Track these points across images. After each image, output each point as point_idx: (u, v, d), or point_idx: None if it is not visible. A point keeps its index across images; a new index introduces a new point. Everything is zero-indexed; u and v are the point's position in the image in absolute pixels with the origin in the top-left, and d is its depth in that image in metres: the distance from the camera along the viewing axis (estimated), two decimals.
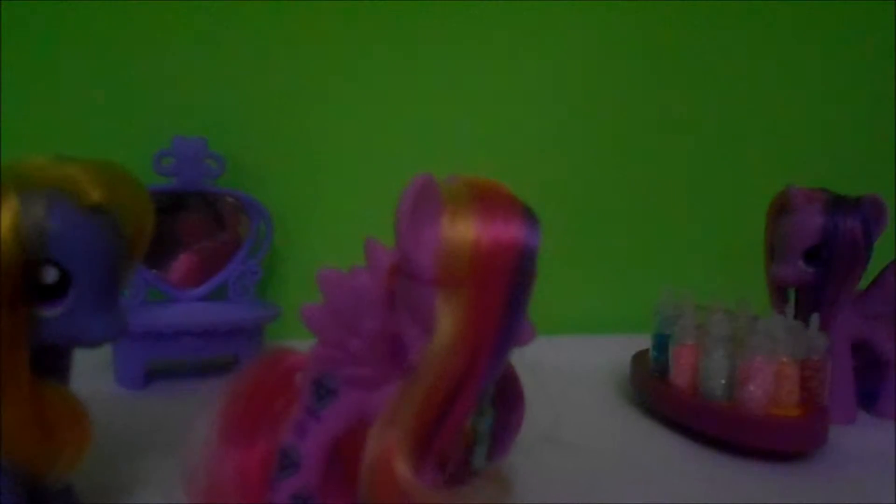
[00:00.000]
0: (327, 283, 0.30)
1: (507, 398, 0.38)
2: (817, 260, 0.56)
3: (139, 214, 0.31)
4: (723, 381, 0.50)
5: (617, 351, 0.67)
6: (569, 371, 0.68)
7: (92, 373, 0.60)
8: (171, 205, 0.67)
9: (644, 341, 0.61)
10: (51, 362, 0.30)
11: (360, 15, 0.74)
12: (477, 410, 0.34)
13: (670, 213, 0.87)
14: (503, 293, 0.30)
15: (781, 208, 0.59)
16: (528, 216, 0.32)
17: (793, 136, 0.89)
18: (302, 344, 0.34)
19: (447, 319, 0.30)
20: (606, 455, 0.49)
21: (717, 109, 0.87)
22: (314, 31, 0.74)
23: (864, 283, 0.58)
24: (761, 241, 0.62)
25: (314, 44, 0.74)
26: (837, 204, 0.55)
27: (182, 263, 0.68)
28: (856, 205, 0.55)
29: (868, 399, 0.60)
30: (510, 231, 0.31)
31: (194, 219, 0.70)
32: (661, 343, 0.56)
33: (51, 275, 0.28)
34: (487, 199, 0.31)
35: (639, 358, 0.61)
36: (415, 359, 0.31)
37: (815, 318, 0.51)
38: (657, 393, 0.55)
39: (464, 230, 0.30)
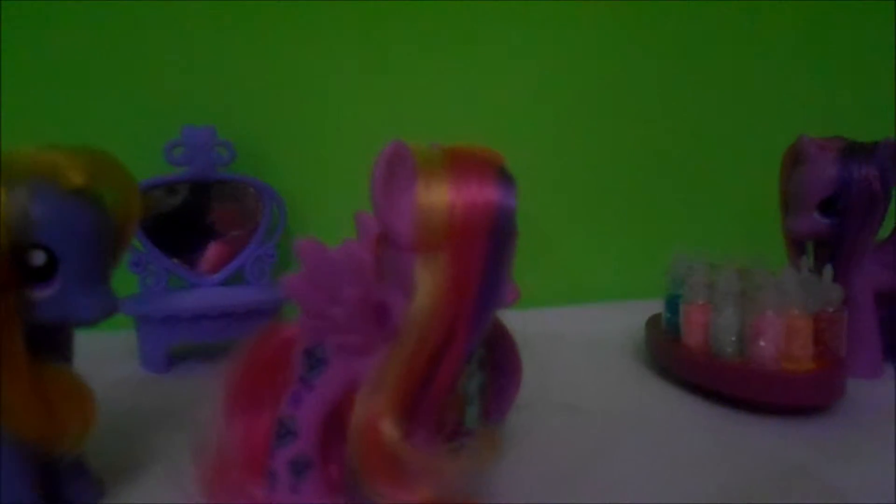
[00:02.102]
0: (305, 252, 0.31)
1: (501, 361, 0.39)
2: (833, 211, 0.54)
3: (124, 196, 0.32)
4: (733, 339, 0.49)
5: (634, 316, 0.66)
6: (586, 338, 0.67)
7: (120, 358, 0.63)
8: (199, 196, 0.69)
9: (661, 306, 0.60)
10: (51, 343, 0.31)
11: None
12: (465, 372, 0.34)
13: (683, 176, 0.85)
14: (481, 255, 0.31)
15: (795, 159, 0.57)
16: (503, 178, 0.32)
17: (804, 85, 0.86)
18: None
19: (426, 283, 0.31)
20: (618, 417, 0.49)
21: (724, 69, 0.85)
22: (317, 16, 0.74)
23: (885, 232, 0.56)
24: (777, 195, 0.60)
25: (318, 29, 0.74)
26: (852, 152, 0.53)
27: (212, 252, 0.70)
28: (871, 151, 0.53)
29: None
30: (484, 193, 0.31)
31: (224, 209, 0.71)
32: (673, 304, 0.55)
33: (39, 258, 0.29)
34: (461, 163, 0.31)
35: (653, 321, 0.61)
36: (399, 324, 0.32)
37: (828, 270, 0.49)
38: (670, 354, 0.55)
39: (438, 195, 0.30)
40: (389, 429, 0.30)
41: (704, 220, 0.85)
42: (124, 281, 0.65)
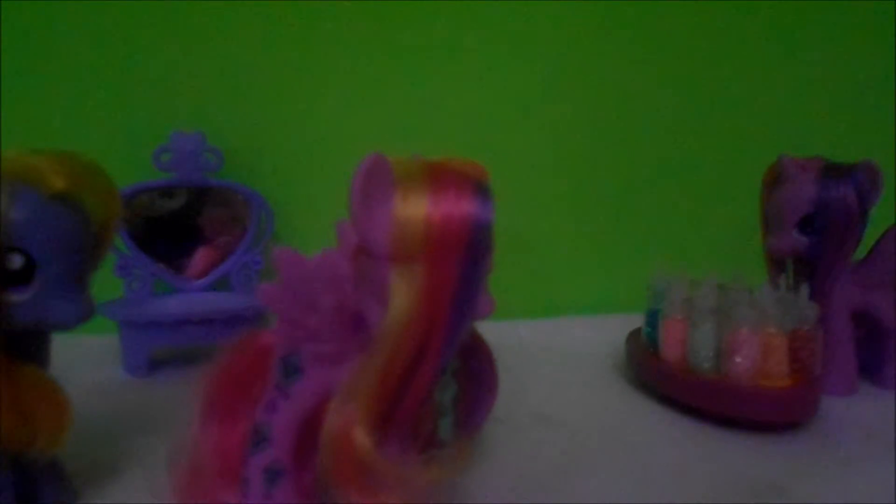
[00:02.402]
0: (282, 261, 0.31)
1: (477, 372, 0.39)
2: (812, 229, 0.55)
3: (105, 202, 0.33)
4: (710, 354, 0.50)
5: (619, 330, 0.67)
6: (568, 351, 0.68)
7: (101, 361, 0.63)
8: (191, 200, 0.70)
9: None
10: (28, 348, 0.32)
11: (356, 6, 0.75)
12: (439, 383, 0.35)
13: (666, 190, 0.86)
14: (456, 267, 0.31)
15: (775, 178, 0.58)
16: (481, 192, 0.32)
17: (787, 106, 0.87)
18: None
19: (401, 294, 0.31)
20: (594, 431, 0.49)
21: (708, 86, 0.85)
22: (308, 23, 0.74)
23: (862, 252, 0.57)
24: (759, 212, 0.61)
25: (309, 36, 0.75)
26: (830, 172, 0.54)
27: (200, 257, 0.70)
28: (849, 172, 0.54)
29: (872, 370, 0.59)
30: (461, 206, 0.31)
31: (214, 214, 0.71)
32: (653, 318, 0.56)
33: (16, 261, 0.29)
34: (439, 176, 0.32)
35: (634, 335, 0.61)
36: (374, 334, 0.32)
37: (804, 289, 0.50)
38: (648, 368, 0.55)
39: (415, 207, 0.31)
40: (362, 437, 0.30)
41: (689, 234, 0.86)
42: (110, 285, 0.65)
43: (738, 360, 0.48)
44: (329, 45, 0.75)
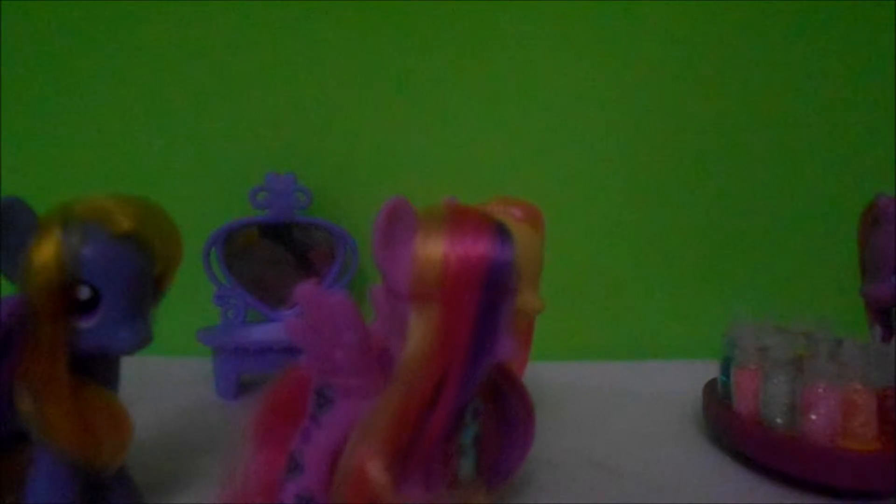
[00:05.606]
0: (304, 298, 0.33)
1: (509, 415, 0.39)
2: None
3: (167, 242, 0.36)
4: (784, 409, 0.46)
5: (704, 377, 0.63)
6: (645, 397, 0.65)
7: (200, 383, 0.68)
8: (302, 240, 0.76)
9: None
10: (94, 370, 0.35)
11: (436, 52, 0.78)
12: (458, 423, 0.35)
13: (762, 227, 0.80)
14: (472, 308, 0.32)
15: (872, 220, 0.53)
16: (500, 233, 0.33)
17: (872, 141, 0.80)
18: None
19: (418, 332, 0.32)
20: (652, 483, 0.46)
21: (792, 121, 0.80)
22: (390, 69, 0.79)
23: None
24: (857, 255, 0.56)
25: (389, 82, 0.79)
26: None
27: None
28: None
29: None
30: (478, 247, 0.32)
31: (320, 249, 0.76)
32: (727, 366, 0.52)
33: (84, 293, 0.33)
34: (459, 218, 0.33)
35: (711, 384, 0.57)
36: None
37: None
38: (721, 420, 0.52)
39: (433, 247, 0.32)
40: (377, 473, 0.31)
41: (788, 277, 0.80)
42: (211, 312, 0.71)
43: (812, 416, 0.44)
44: (409, 90, 0.79)
